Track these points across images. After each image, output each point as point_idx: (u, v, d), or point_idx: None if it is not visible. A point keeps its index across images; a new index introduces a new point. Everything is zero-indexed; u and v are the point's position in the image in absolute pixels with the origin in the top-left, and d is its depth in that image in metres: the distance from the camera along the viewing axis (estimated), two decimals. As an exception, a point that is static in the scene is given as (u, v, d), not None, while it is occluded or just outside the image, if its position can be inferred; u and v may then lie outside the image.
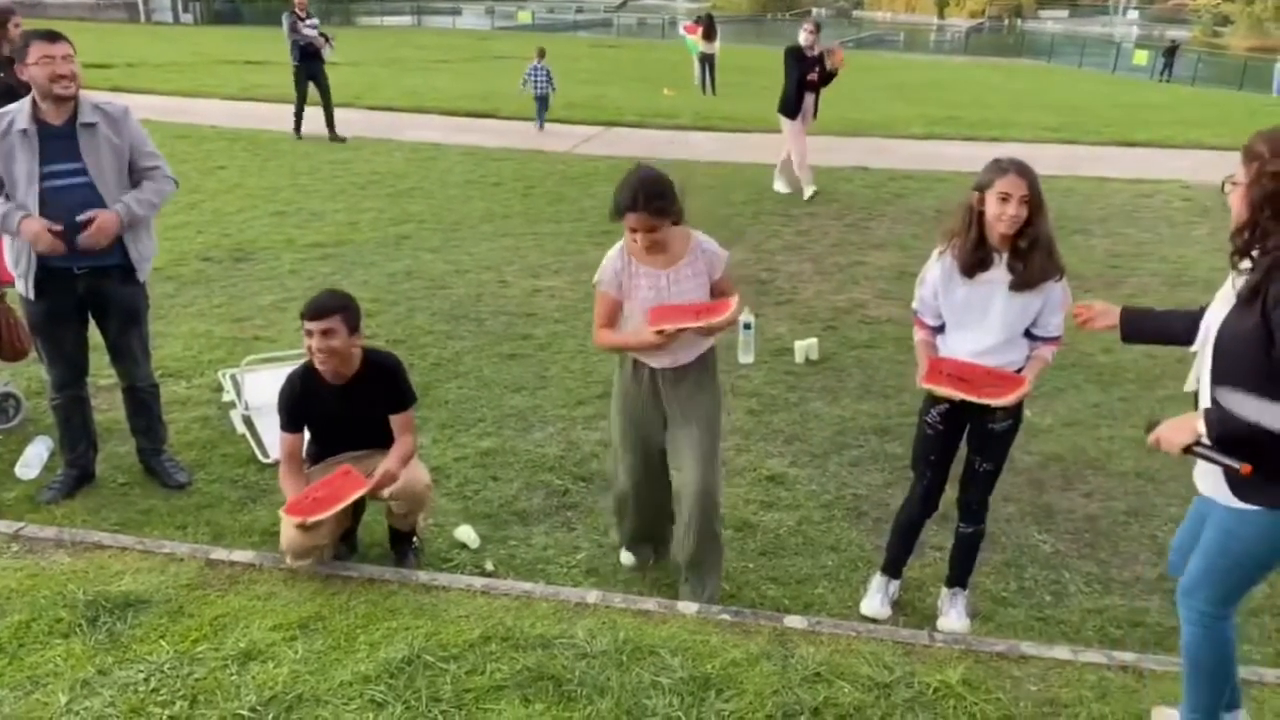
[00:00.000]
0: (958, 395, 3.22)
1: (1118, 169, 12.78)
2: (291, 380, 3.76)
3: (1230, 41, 56.74)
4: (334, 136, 13.32)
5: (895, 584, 3.75)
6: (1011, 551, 4.13)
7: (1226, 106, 23.13)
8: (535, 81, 15.10)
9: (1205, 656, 2.80)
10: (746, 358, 6.07)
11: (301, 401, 3.72)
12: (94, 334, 4.25)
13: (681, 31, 22.68)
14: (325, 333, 3.53)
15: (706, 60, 21.45)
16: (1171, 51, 33.83)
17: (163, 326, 6.15)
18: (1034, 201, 3.07)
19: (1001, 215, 3.07)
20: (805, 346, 6.16)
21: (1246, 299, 2.46)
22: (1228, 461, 2.45)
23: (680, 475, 3.62)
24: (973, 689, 3.11)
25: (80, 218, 3.83)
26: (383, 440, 3.79)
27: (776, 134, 16.34)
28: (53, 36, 3.86)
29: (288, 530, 3.55)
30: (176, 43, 28.32)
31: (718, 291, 3.47)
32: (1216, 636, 2.79)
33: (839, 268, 8.21)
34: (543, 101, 15.24)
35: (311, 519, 3.48)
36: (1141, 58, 35.94)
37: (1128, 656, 3.37)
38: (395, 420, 3.77)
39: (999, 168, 3.11)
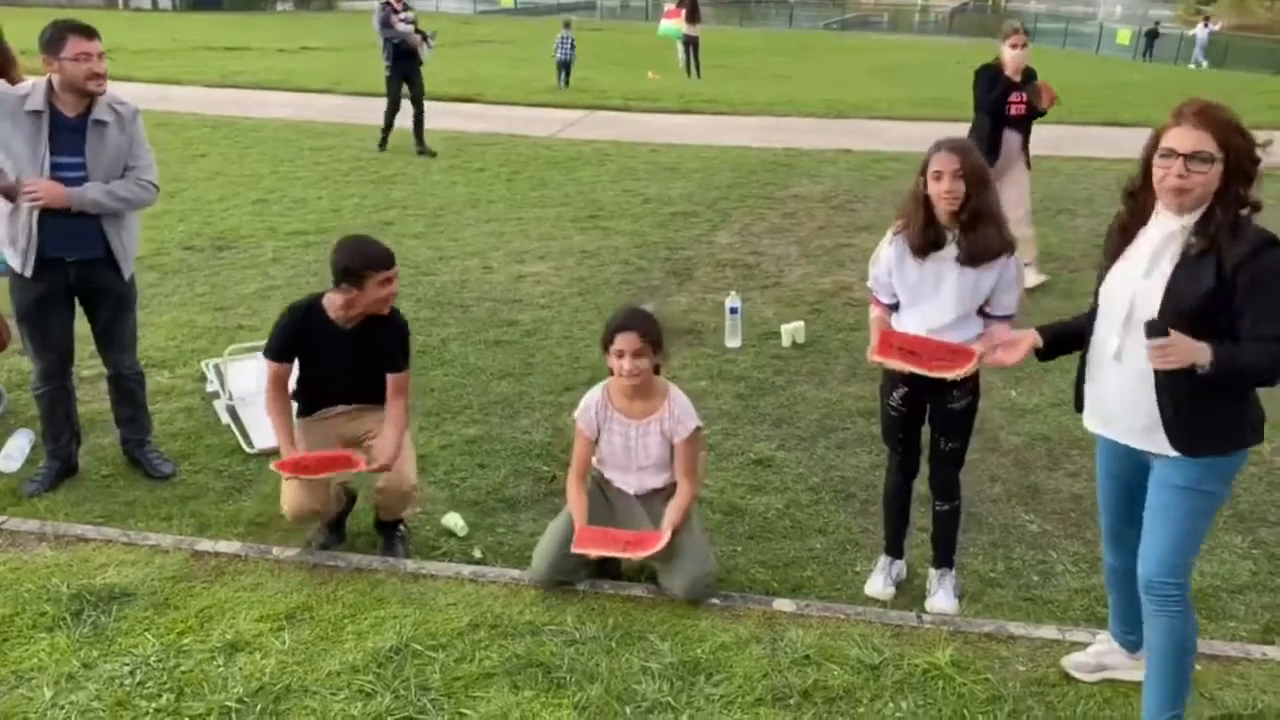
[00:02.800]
0: (907, 368, 3.24)
1: (1102, 148, 12.77)
2: (295, 309, 3.64)
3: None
4: (421, 149, 11.58)
5: (899, 564, 3.76)
6: (998, 532, 4.15)
7: (1210, 86, 23.18)
8: (561, 48, 17.80)
9: (1190, 634, 2.74)
10: (733, 342, 6.06)
11: (302, 334, 3.61)
12: (79, 324, 4.20)
13: (665, 22, 22.19)
14: (395, 278, 3.63)
15: (690, 43, 21.35)
16: (1153, 35, 33.89)
17: (145, 316, 6.07)
18: (970, 177, 3.13)
19: (939, 193, 3.13)
20: (792, 330, 6.15)
21: (1196, 257, 2.50)
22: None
23: (670, 570, 3.49)
24: (961, 670, 3.13)
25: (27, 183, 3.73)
26: (375, 395, 3.73)
27: (763, 116, 16.11)
28: (89, 32, 3.78)
29: (291, 491, 3.55)
30: (155, 29, 28.00)
31: (678, 460, 3.53)
32: (1190, 612, 2.73)
33: (825, 250, 8.20)
34: (565, 66, 17.83)
35: (303, 476, 3.49)
36: (1125, 37, 35.90)
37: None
38: (392, 380, 3.71)
39: (934, 147, 3.19)
